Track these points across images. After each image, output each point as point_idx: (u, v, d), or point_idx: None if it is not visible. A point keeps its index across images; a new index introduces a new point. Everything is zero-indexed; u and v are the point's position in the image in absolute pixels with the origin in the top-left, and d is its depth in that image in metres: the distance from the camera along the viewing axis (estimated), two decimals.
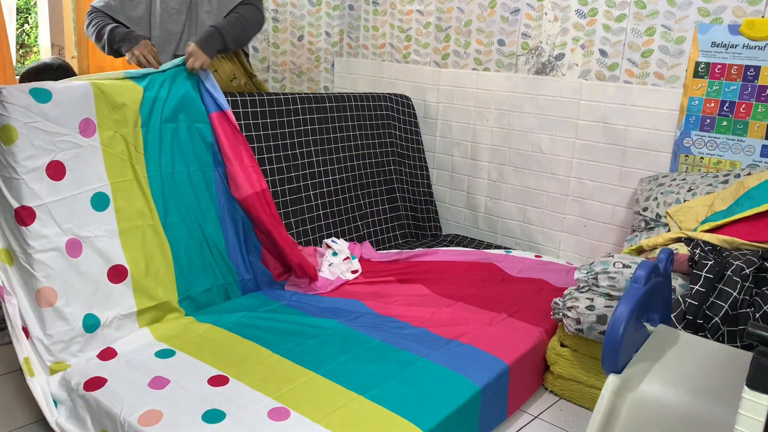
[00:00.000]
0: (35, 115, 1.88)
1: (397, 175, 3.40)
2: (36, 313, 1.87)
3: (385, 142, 3.36)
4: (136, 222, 2.14)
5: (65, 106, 1.97)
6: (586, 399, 2.15)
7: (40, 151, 1.90)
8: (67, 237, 1.94)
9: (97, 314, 1.99)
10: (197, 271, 2.32)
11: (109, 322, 2.01)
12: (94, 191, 2.04)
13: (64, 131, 1.96)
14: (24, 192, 1.86)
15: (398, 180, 3.41)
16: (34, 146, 1.88)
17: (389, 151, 3.38)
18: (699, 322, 1.85)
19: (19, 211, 1.85)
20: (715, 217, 2.23)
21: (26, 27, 4.36)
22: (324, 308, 2.36)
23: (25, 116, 1.86)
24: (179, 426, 1.63)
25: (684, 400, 1.36)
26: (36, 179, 1.88)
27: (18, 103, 1.85)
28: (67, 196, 1.96)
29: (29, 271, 1.87)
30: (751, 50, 2.50)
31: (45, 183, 1.91)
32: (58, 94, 1.95)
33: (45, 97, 1.92)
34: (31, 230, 1.86)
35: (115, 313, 2.03)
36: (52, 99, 1.93)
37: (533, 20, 3.08)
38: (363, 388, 1.82)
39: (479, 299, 2.49)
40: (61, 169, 1.95)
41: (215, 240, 2.39)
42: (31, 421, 1.95)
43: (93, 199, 2.03)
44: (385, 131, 3.37)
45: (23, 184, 1.85)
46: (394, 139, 3.41)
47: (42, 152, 1.90)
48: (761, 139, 2.53)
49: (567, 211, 3.11)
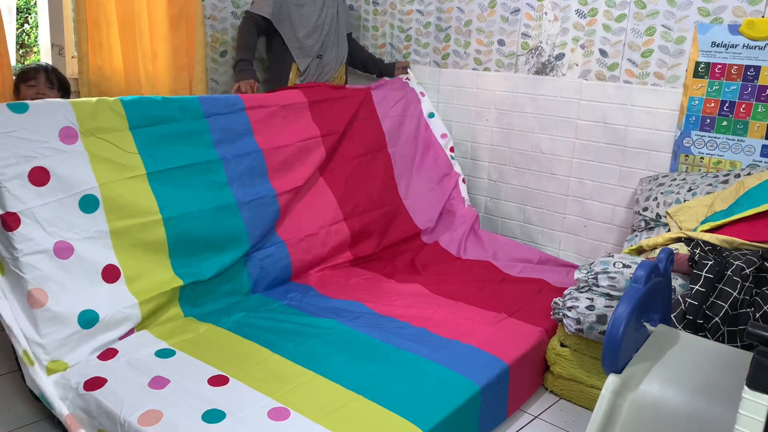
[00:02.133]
0: (12, 125, 1.92)
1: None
2: (29, 315, 1.88)
3: None
4: (130, 221, 2.14)
5: (43, 116, 2.00)
6: (586, 399, 2.15)
7: (20, 158, 1.92)
8: (54, 240, 1.95)
9: (96, 309, 1.98)
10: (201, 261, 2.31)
11: (110, 317, 2.00)
12: (82, 194, 2.05)
13: (44, 138, 1.98)
14: (7, 198, 1.88)
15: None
16: (13, 154, 1.91)
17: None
18: (699, 322, 1.85)
19: (4, 217, 1.87)
20: (715, 217, 2.23)
21: (26, 27, 4.36)
22: (324, 308, 2.36)
23: (2, 127, 1.89)
24: (179, 426, 1.63)
25: (684, 400, 1.36)
26: (18, 186, 1.91)
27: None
28: (52, 200, 1.97)
29: (18, 275, 1.87)
30: (751, 50, 2.50)
31: (28, 189, 1.93)
32: (35, 107, 1.99)
33: (21, 108, 1.96)
34: (17, 234, 1.87)
35: (115, 307, 2.02)
36: (29, 110, 1.97)
37: (533, 20, 3.08)
38: (363, 388, 1.82)
39: (479, 299, 2.49)
40: (44, 174, 1.97)
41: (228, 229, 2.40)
42: (31, 421, 1.95)
43: (81, 201, 2.04)
44: None
45: (5, 191, 1.88)
46: None
47: (22, 159, 1.92)
48: (761, 139, 2.53)
49: (567, 211, 3.11)
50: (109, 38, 2.96)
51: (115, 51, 2.99)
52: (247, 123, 2.60)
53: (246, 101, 2.62)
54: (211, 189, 2.40)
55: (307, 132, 2.81)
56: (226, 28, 3.45)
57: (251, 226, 2.48)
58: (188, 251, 2.28)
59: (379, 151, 3.15)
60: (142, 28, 3.01)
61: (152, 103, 2.30)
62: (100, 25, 2.92)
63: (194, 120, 2.41)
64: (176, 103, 2.38)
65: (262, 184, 2.58)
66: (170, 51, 3.09)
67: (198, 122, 2.42)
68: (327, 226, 2.80)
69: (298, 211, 2.73)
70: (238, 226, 2.44)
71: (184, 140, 2.36)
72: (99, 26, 2.92)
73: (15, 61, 2.89)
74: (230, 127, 2.53)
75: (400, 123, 3.27)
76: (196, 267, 2.29)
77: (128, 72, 3.03)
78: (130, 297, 2.08)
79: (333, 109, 2.97)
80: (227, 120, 2.53)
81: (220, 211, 2.39)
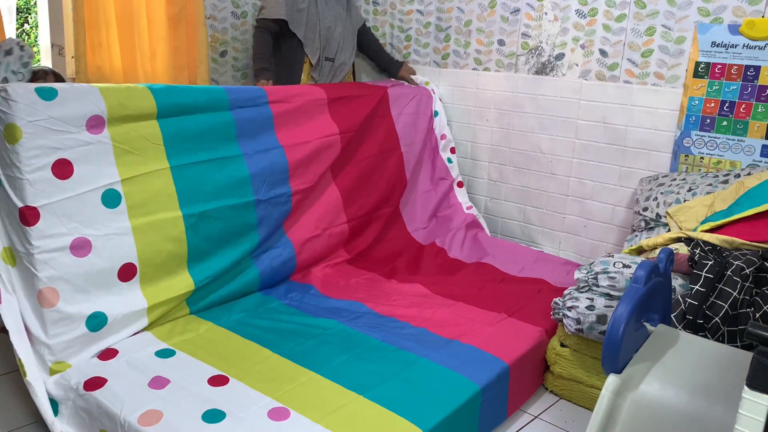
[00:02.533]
0: (40, 113, 1.85)
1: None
2: (37, 314, 1.86)
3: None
4: (152, 217, 2.10)
5: (71, 103, 1.93)
6: (586, 399, 2.15)
7: (46, 149, 1.86)
8: (73, 236, 1.92)
9: (105, 311, 1.97)
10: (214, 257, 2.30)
11: (118, 320, 2.00)
12: (105, 188, 2.00)
13: (70, 129, 1.92)
14: (28, 192, 1.83)
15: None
16: (38, 145, 1.85)
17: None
18: (699, 322, 1.85)
19: (24, 210, 1.83)
20: (715, 217, 2.23)
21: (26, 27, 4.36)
22: (324, 308, 2.36)
23: (30, 114, 1.83)
24: (179, 426, 1.63)
25: (684, 400, 1.36)
26: (41, 179, 1.86)
27: (23, 101, 1.82)
28: (74, 195, 1.93)
29: (31, 272, 1.85)
30: (751, 50, 2.50)
31: (50, 182, 1.88)
32: (64, 92, 1.92)
33: (50, 95, 1.89)
34: (35, 230, 1.84)
35: (124, 311, 2.01)
36: (58, 96, 1.90)
37: (533, 20, 3.08)
38: (363, 388, 1.82)
39: (479, 299, 2.49)
40: (68, 167, 1.92)
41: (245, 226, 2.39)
42: (31, 421, 1.95)
43: (104, 196, 2.00)
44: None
45: (27, 184, 1.83)
46: None
47: (47, 151, 1.87)
48: (761, 139, 2.53)
49: (567, 211, 3.11)
50: (108, 38, 2.96)
51: (113, 50, 2.99)
52: (270, 117, 2.55)
53: (270, 94, 2.57)
54: (231, 186, 2.36)
55: (326, 129, 2.77)
56: (226, 28, 3.45)
57: (262, 224, 2.47)
58: (205, 249, 2.26)
59: (392, 151, 3.14)
60: (141, 27, 3.01)
61: (180, 92, 2.24)
62: (98, 24, 2.92)
63: (220, 112, 2.36)
64: (203, 93, 2.32)
65: (282, 182, 2.55)
66: (169, 51, 3.09)
67: (223, 114, 2.37)
68: (330, 227, 2.80)
69: (306, 211, 2.71)
70: (251, 223, 2.42)
71: (208, 133, 2.31)
72: (98, 26, 2.92)
73: None
74: (254, 120, 2.48)
75: (413, 121, 3.26)
76: (209, 264, 2.27)
77: (127, 72, 3.03)
78: (142, 300, 2.07)
79: (351, 107, 2.93)
80: (251, 113, 2.47)
81: (237, 209, 2.37)
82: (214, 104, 2.34)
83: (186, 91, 2.27)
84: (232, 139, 2.40)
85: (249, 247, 2.42)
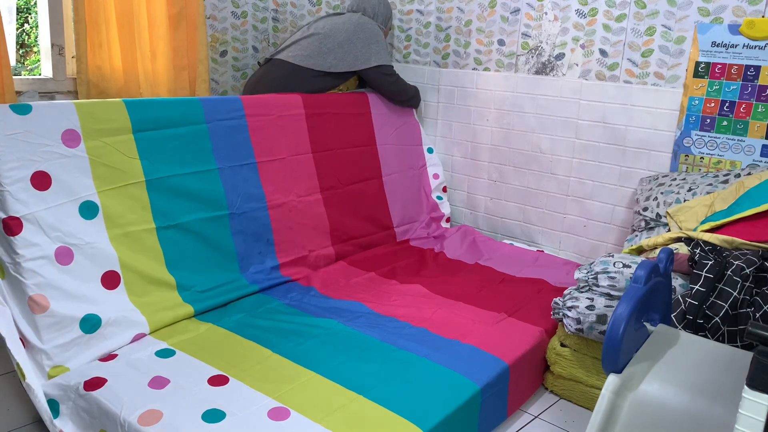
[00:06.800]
0: (16, 127, 1.90)
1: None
2: (30, 321, 1.87)
3: None
4: (129, 228, 2.15)
5: (46, 118, 1.99)
6: (586, 399, 2.15)
7: (24, 161, 1.91)
8: (56, 245, 1.94)
9: (98, 314, 1.98)
10: (199, 271, 2.32)
11: (112, 322, 2.00)
12: (82, 200, 2.04)
13: (47, 142, 1.97)
14: (9, 202, 1.87)
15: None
16: (17, 157, 1.90)
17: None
18: (699, 322, 1.85)
19: (7, 221, 1.86)
20: (715, 217, 2.23)
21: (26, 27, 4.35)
22: (324, 308, 2.36)
23: (5, 129, 1.88)
24: (179, 426, 1.63)
25: (684, 400, 1.36)
26: (21, 189, 1.90)
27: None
28: (54, 206, 1.97)
29: (19, 280, 1.86)
30: (751, 50, 2.50)
31: (30, 193, 1.92)
32: (39, 108, 1.98)
33: (24, 110, 1.95)
34: (20, 239, 1.86)
35: (116, 314, 2.02)
36: (32, 111, 1.96)
37: (533, 20, 3.08)
38: (363, 388, 1.82)
39: (479, 299, 2.49)
40: (46, 179, 1.96)
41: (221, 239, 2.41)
42: (31, 421, 1.95)
43: (81, 207, 2.04)
44: None
45: (8, 195, 1.87)
46: None
47: (26, 163, 1.92)
48: (761, 139, 2.53)
49: (567, 211, 3.11)
50: (108, 38, 2.96)
51: (114, 50, 3.00)
52: (246, 130, 2.58)
53: (246, 107, 2.60)
54: (206, 199, 2.40)
55: (302, 145, 2.80)
56: (226, 28, 3.45)
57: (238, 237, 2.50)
58: (182, 261, 2.28)
59: (373, 172, 3.16)
60: (141, 27, 3.02)
61: (155, 105, 2.29)
62: (99, 24, 2.92)
63: (195, 125, 2.40)
64: (178, 105, 2.37)
65: (258, 197, 2.58)
66: (170, 51, 3.10)
67: (198, 127, 2.41)
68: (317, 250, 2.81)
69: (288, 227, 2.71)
70: (227, 236, 2.45)
71: (183, 146, 2.36)
72: (98, 26, 2.92)
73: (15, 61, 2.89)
74: (229, 133, 2.51)
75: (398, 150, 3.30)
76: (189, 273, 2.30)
77: (127, 72, 3.04)
78: (130, 305, 2.08)
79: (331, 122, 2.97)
80: (226, 126, 2.51)
81: (212, 222, 2.40)
82: (189, 117, 2.38)
83: (161, 104, 2.32)
84: (208, 152, 2.44)
85: (228, 258, 2.43)
